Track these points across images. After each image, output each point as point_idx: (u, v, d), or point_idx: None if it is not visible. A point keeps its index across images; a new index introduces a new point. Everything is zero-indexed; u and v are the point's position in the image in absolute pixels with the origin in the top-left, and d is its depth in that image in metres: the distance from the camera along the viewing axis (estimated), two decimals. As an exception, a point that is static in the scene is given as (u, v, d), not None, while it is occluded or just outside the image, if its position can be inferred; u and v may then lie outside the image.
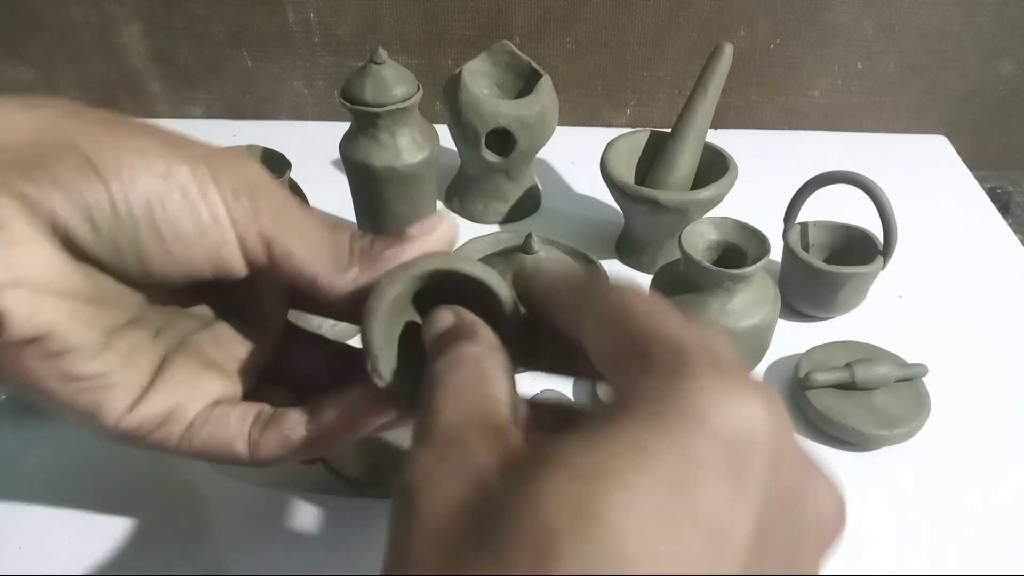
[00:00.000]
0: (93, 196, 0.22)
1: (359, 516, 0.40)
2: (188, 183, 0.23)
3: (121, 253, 0.23)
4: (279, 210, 0.25)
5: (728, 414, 0.16)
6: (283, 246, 0.25)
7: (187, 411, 0.26)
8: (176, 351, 0.27)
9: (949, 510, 0.42)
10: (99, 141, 0.22)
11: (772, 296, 0.46)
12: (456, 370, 0.22)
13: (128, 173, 0.22)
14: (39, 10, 0.71)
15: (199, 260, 0.24)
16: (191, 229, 0.24)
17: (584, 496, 0.15)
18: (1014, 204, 0.74)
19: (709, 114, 0.55)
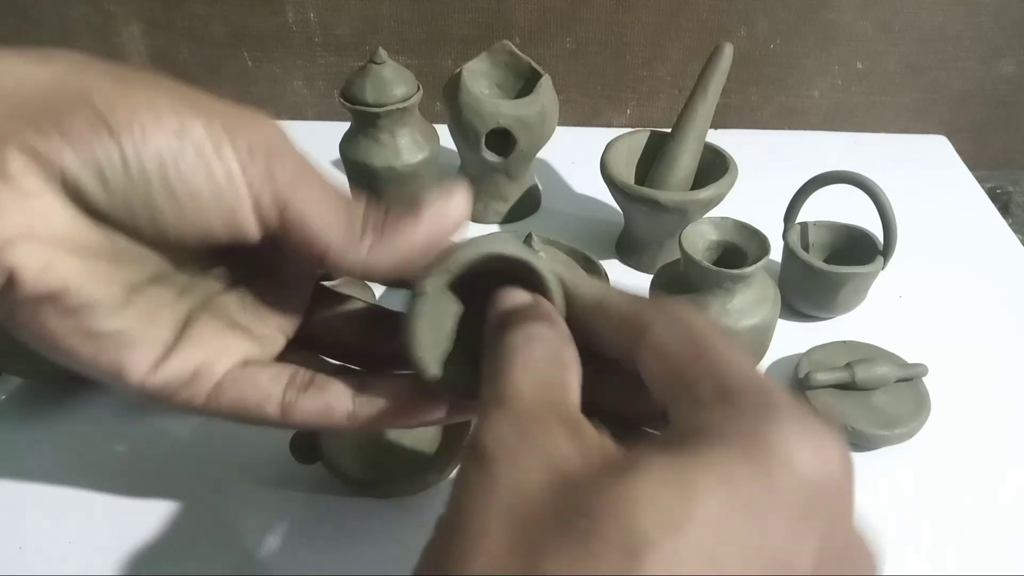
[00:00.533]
0: (105, 153, 0.22)
1: (359, 516, 0.40)
2: (202, 140, 0.23)
3: (133, 212, 0.23)
4: (295, 174, 0.24)
5: (811, 460, 0.17)
6: (297, 211, 0.24)
7: (214, 369, 0.26)
8: (201, 310, 0.27)
9: (949, 510, 0.42)
10: (112, 96, 0.22)
11: (772, 296, 0.46)
12: (534, 347, 0.22)
13: (140, 130, 0.22)
14: (39, 10, 0.71)
15: (213, 221, 0.24)
16: (205, 188, 0.23)
17: (673, 509, 0.16)
18: (1014, 204, 0.74)
19: (709, 114, 0.55)
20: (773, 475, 0.16)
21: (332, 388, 0.27)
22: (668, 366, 0.21)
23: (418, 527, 0.39)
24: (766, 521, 0.16)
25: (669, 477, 0.16)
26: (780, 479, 0.16)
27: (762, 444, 0.17)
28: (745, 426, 0.17)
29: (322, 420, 0.27)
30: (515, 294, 0.25)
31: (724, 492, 0.16)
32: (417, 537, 0.20)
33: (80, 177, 0.21)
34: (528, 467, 0.18)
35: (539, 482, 0.18)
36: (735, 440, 0.17)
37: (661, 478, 0.16)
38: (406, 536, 0.39)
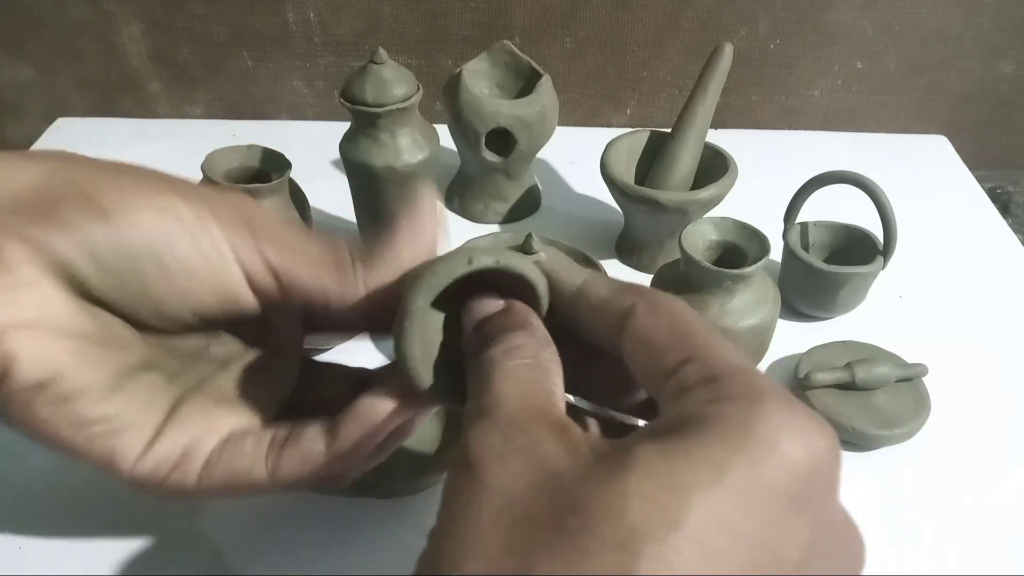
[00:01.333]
0: (97, 236, 0.22)
1: (359, 516, 0.40)
2: (189, 218, 0.24)
3: (128, 291, 0.24)
4: (275, 236, 0.25)
5: (800, 446, 0.17)
6: (288, 269, 0.25)
7: (202, 447, 0.26)
8: (190, 392, 0.27)
9: (949, 510, 0.42)
10: (102, 183, 0.23)
11: (772, 296, 0.46)
12: (515, 358, 0.22)
13: (131, 211, 0.23)
14: (39, 10, 0.71)
15: (206, 293, 0.25)
16: (196, 262, 0.24)
17: (667, 503, 0.16)
18: (1014, 204, 0.74)
19: (709, 114, 0.55)
20: (763, 463, 0.17)
21: (305, 435, 0.27)
22: (651, 353, 0.21)
23: (418, 527, 0.39)
24: (758, 509, 0.16)
25: (660, 470, 0.16)
26: (770, 467, 0.17)
27: (751, 432, 0.17)
28: (732, 412, 0.17)
29: (303, 468, 0.27)
30: (486, 303, 0.25)
31: (715, 483, 0.16)
32: (417, 537, 0.20)
33: (76, 261, 0.22)
34: (516, 470, 0.18)
35: (528, 483, 0.18)
36: (724, 428, 0.17)
37: (652, 472, 0.16)
38: (406, 536, 0.39)
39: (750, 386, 0.18)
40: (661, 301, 0.22)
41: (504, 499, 0.18)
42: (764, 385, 0.18)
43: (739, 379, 0.18)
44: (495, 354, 0.22)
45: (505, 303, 0.25)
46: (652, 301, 0.22)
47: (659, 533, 0.15)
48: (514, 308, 0.24)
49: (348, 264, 0.26)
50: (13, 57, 0.74)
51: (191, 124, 0.78)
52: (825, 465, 0.18)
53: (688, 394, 0.19)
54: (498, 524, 0.17)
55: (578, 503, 0.16)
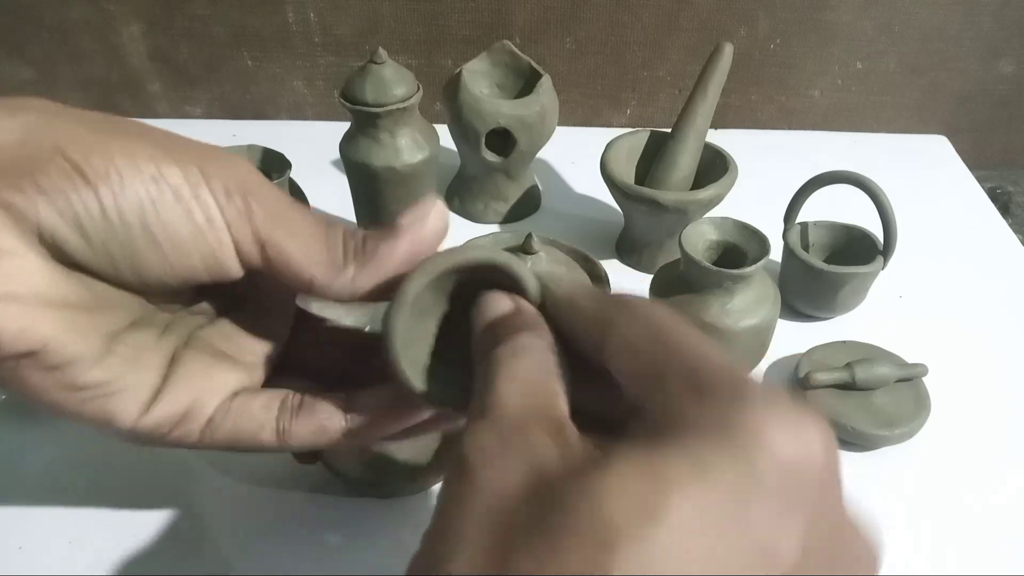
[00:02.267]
0: (81, 203, 0.22)
1: (359, 516, 0.40)
2: (180, 185, 0.23)
3: (114, 260, 0.23)
4: (273, 211, 0.25)
5: (788, 440, 0.16)
6: (278, 249, 0.25)
7: (205, 406, 0.26)
8: (185, 347, 0.27)
9: (949, 510, 0.42)
10: (86, 145, 0.22)
11: (772, 296, 0.46)
12: (520, 358, 0.22)
13: (117, 177, 0.22)
14: (39, 10, 0.71)
15: (195, 264, 0.24)
16: (186, 232, 0.23)
17: (646, 499, 0.15)
18: (1014, 204, 0.74)
19: (709, 114, 0.55)
20: (751, 461, 0.16)
21: (322, 407, 0.27)
22: (637, 362, 0.20)
23: (418, 527, 0.39)
24: (747, 508, 0.16)
25: (641, 468, 0.16)
26: (758, 464, 0.16)
27: (737, 431, 0.16)
28: (719, 415, 0.17)
29: (318, 439, 0.27)
30: (497, 302, 0.24)
31: (699, 480, 0.16)
32: (417, 537, 0.20)
33: (57, 229, 0.21)
34: (508, 471, 0.18)
35: (518, 484, 0.18)
36: (709, 429, 0.17)
37: (633, 469, 0.16)
38: (406, 536, 0.39)
39: (733, 384, 0.18)
40: (642, 310, 0.21)
41: (492, 501, 0.17)
42: (748, 383, 0.18)
43: (722, 378, 0.18)
44: (501, 353, 0.22)
45: (514, 304, 0.24)
46: (633, 310, 0.21)
47: (636, 529, 0.15)
48: (523, 309, 0.24)
49: (340, 259, 0.25)
50: (13, 57, 0.74)
51: (191, 124, 0.78)
52: (818, 462, 0.17)
53: (674, 402, 0.18)
54: (483, 525, 0.17)
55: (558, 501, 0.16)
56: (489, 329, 0.24)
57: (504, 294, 0.25)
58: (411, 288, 0.24)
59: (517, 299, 0.25)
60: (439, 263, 0.24)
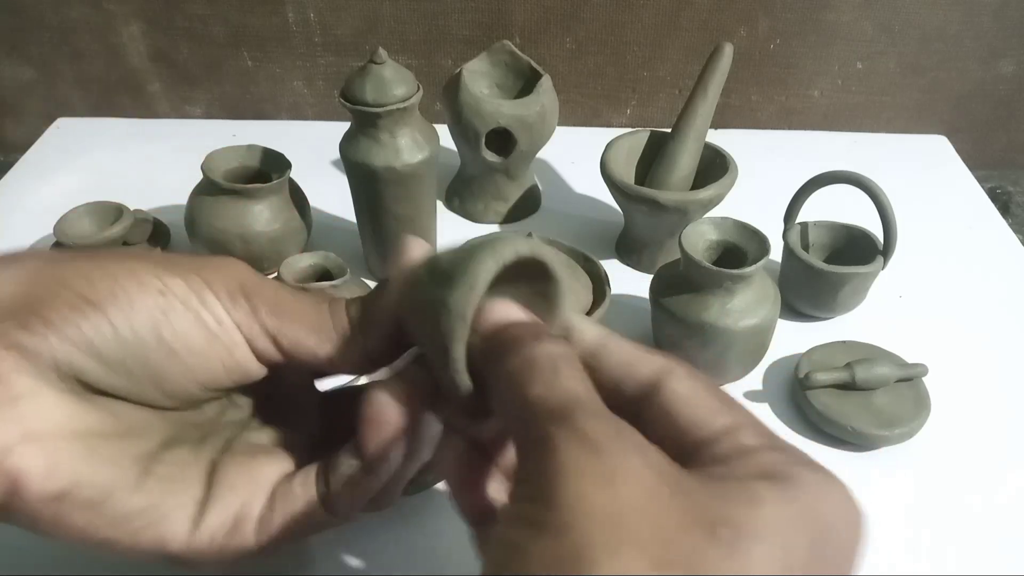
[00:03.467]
0: (93, 329, 0.22)
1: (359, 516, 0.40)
2: (186, 294, 0.23)
3: (135, 378, 0.23)
4: (274, 303, 0.25)
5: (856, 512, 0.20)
6: (290, 337, 0.25)
7: (253, 506, 0.25)
8: (222, 454, 0.26)
9: (949, 510, 0.42)
10: (88, 273, 0.22)
11: (772, 296, 0.46)
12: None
13: (125, 296, 0.22)
14: (39, 10, 0.71)
15: (215, 368, 0.24)
16: (200, 338, 0.23)
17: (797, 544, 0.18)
18: (1014, 204, 0.74)
19: (709, 114, 0.55)
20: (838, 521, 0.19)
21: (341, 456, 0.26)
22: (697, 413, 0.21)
23: (418, 527, 0.39)
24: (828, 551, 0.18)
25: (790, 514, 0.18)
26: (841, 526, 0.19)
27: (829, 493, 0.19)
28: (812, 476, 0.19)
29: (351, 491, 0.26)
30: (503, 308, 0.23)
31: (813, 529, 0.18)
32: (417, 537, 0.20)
33: (74, 360, 0.21)
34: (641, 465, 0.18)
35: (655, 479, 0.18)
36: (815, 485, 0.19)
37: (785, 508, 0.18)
38: (406, 536, 0.39)
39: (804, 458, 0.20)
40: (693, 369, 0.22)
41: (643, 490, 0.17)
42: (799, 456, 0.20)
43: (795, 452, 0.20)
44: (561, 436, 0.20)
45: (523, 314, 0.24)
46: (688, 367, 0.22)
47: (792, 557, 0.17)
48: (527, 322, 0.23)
49: (347, 328, 0.26)
50: (13, 57, 0.74)
51: (191, 124, 0.78)
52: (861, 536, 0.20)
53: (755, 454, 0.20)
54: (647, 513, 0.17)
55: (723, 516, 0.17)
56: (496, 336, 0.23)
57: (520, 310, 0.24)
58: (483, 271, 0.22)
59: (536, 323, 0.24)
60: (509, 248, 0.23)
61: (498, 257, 0.22)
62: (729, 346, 0.45)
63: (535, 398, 0.20)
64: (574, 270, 0.49)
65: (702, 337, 0.45)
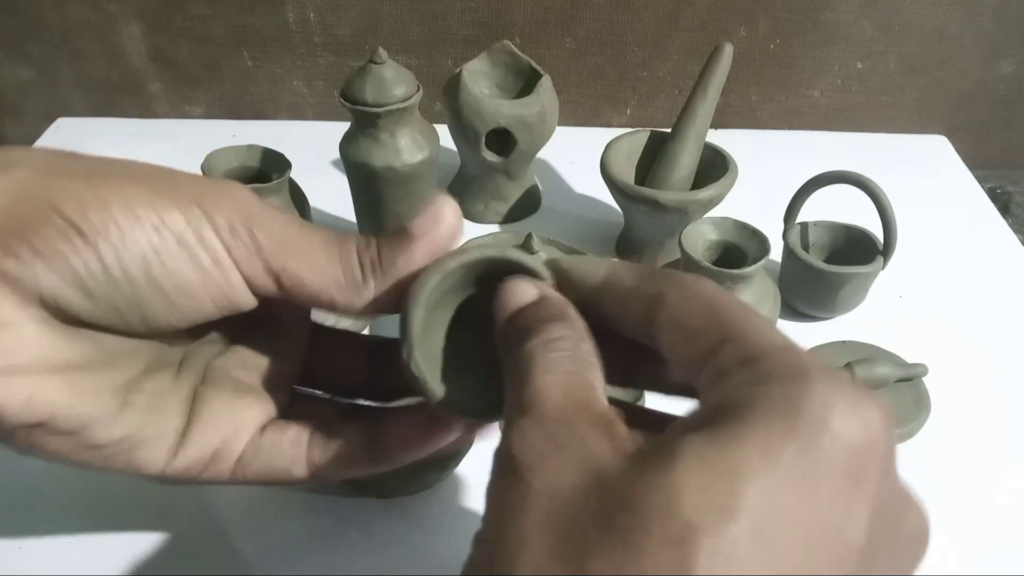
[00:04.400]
0: (82, 263, 0.21)
1: (359, 516, 0.40)
2: (183, 229, 0.22)
3: (121, 314, 0.22)
4: (281, 239, 0.24)
5: (852, 421, 0.16)
6: (293, 277, 0.24)
7: (233, 446, 0.26)
8: (204, 383, 0.26)
9: (949, 510, 0.42)
10: (82, 199, 0.21)
11: (772, 296, 0.46)
12: (555, 351, 0.21)
13: (117, 231, 0.21)
14: (39, 10, 0.71)
15: (206, 306, 0.23)
16: (194, 278, 0.22)
17: (720, 495, 0.15)
18: (1014, 204, 0.74)
19: (709, 114, 0.55)
20: (817, 444, 0.16)
21: (349, 441, 0.27)
22: (686, 338, 0.20)
23: (418, 527, 0.39)
24: (816, 493, 0.16)
25: (709, 460, 0.16)
26: (826, 448, 0.16)
27: (800, 412, 0.16)
28: (782, 397, 0.17)
29: (347, 472, 0.27)
30: (520, 290, 0.23)
31: (769, 468, 0.16)
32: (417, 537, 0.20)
33: (59, 292, 0.21)
34: (562, 470, 0.18)
35: (575, 484, 0.17)
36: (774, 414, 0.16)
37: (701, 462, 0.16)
38: (406, 536, 0.39)
39: (793, 364, 0.17)
40: (691, 284, 0.21)
41: (551, 501, 0.17)
42: (807, 362, 0.17)
43: (780, 358, 0.18)
44: (534, 347, 0.21)
45: (539, 292, 0.23)
46: (682, 285, 0.21)
47: (714, 526, 0.15)
48: (549, 298, 0.23)
49: (358, 276, 0.24)
50: (13, 57, 0.74)
51: (191, 124, 0.78)
52: (880, 439, 0.17)
53: (728, 377, 0.18)
54: (546, 528, 0.17)
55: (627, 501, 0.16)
56: (514, 321, 0.23)
57: (527, 280, 0.24)
58: (424, 289, 0.23)
59: (541, 285, 0.24)
60: (450, 261, 0.24)
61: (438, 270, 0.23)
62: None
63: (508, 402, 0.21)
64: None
65: (702, 337, 0.45)
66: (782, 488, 0.15)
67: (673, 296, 0.21)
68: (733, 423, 0.16)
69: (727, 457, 0.16)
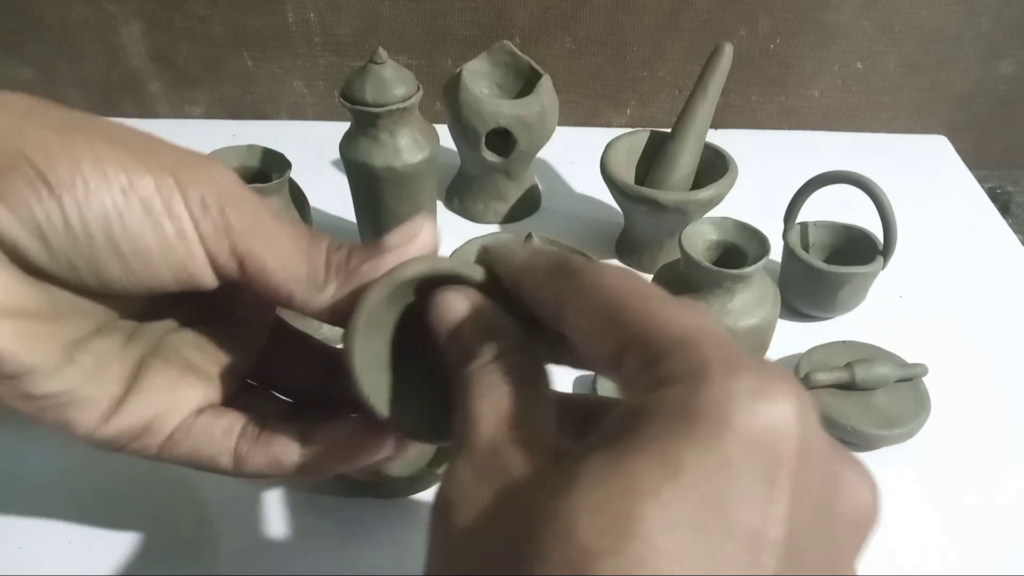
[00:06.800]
0: (44, 212, 0.21)
1: (359, 516, 0.40)
2: (151, 196, 0.22)
3: (76, 269, 0.22)
4: (252, 223, 0.23)
5: (754, 415, 0.15)
6: (257, 262, 0.24)
7: (166, 422, 0.25)
8: (153, 355, 0.26)
9: (949, 510, 0.42)
10: (53, 151, 0.21)
11: (772, 296, 0.46)
12: (490, 372, 0.21)
13: (84, 186, 0.21)
14: (39, 10, 0.71)
15: (163, 276, 0.23)
16: (154, 246, 0.22)
17: (618, 514, 0.14)
18: (1014, 204, 0.74)
19: (709, 114, 0.55)
20: (719, 445, 0.15)
21: (279, 441, 0.26)
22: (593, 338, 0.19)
23: (418, 527, 0.39)
24: (724, 496, 0.15)
25: (607, 479, 0.15)
26: (728, 449, 0.15)
27: (696, 414, 0.15)
28: (674, 396, 0.16)
29: (271, 471, 0.26)
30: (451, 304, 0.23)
31: (671, 481, 0.15)
32: (417, 537, 0.20)
33: (19, 238, 0.21)
34: (483, 504, 0.17)
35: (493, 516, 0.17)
36: (671, 419, 0.15)
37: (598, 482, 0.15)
38: (406, 536, 0.39)
39: (691, 360, 0.16)
40: (592, 277, 0.20)
41: (469, 539, 0.17)
42: (707, 355, 0.16)
43: (679, 355, 0.17)
44: (471, 371, 0.21)
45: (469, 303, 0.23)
46: (583, 279, 0.20)
47: (614, 547, 0.14)
48: (480, 311, 0.23)
49: (321, 275, 0.24)
50: (13, 57, 0.74)
51: (191, 124, 0.78)
52: (790, 424, 0.15)
53: (631, 384, 0.17)
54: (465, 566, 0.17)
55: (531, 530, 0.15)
56: (453, 341, 0.23)
57: (455, 291, 0.23)
58: (366, 304, 0.23)
59: (471, 294, 0.23)
60: (394, 276, 0.23)
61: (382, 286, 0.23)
62: (729, 346, 0.45)
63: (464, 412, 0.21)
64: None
65: (702, 337, 0.45)
66: (685, 497, 0.15)
67: (574, 295, 0.20)
68: (629, 435, 0.16)
69: (623, 472, 0.15)
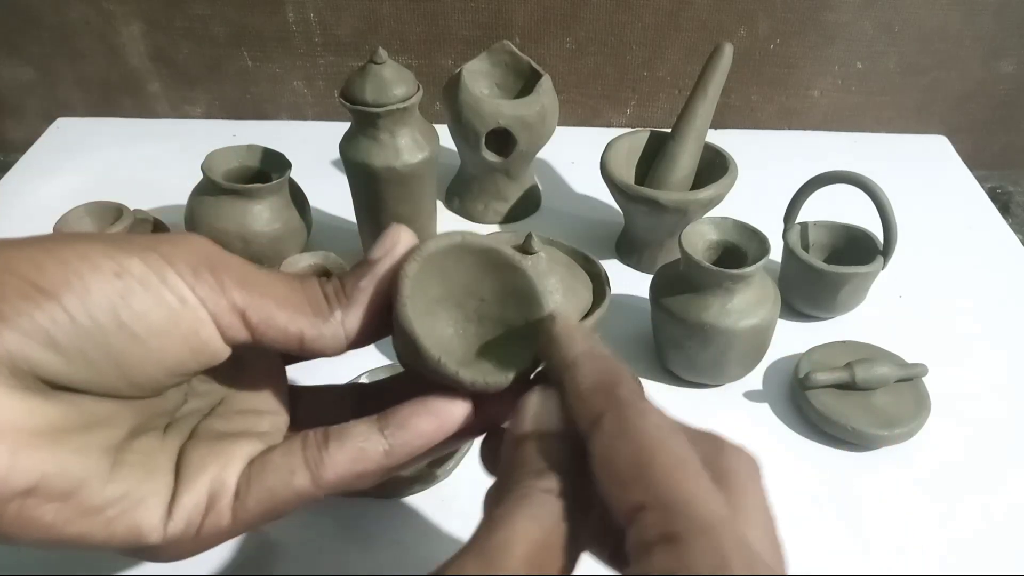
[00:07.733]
0: (48, 319, 0.20)
1: (359, 516, 0.40)
2: (144, 273, 0.22)
3: (96, 367, 0.21)
4: (243, 277, 0.24)
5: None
6: (259, 312, 0.24)
7: (226, 482, 0.24)
8: (191, 439, 0.26)
9: (949, 510, 0.42)
10: (36, 260, 0.21)
11: (772, 296, 0.46)
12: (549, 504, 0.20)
13: (79, 282, 0.21)
14: (39, 10, 0.71)
15: (179, 349, 0.23)
16: (163, 318, 0.22)
17: None
18: (1014, 204, 0.74)
19: (709, 114, 0.55)
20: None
21: (355, 431, 0.25)
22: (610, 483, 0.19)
23: (418, 527, 0.39)
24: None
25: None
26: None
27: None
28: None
29: (358, 468, 0.25)
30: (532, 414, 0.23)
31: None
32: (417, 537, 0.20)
33: (28, 352, 0.20)
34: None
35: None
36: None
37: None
38: (406, 536, 0.39)
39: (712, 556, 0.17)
40: (630, 417, 0.20)
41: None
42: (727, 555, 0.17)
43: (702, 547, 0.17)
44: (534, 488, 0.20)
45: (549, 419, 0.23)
46: (621, 415, 0.20)
47: None
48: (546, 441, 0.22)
49: (324, 306, 0.24)
50: (13, 57, 0.74)
51: (191, 124, 0.78)
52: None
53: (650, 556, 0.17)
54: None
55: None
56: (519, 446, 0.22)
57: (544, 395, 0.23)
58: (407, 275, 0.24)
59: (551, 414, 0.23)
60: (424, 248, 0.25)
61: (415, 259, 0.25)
62: (729, 346, 0.45)
63: None
64: (574, 270, 0.49)
65: (702, 337, 0.45)
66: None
67: (609, 426, 0.20)
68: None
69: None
